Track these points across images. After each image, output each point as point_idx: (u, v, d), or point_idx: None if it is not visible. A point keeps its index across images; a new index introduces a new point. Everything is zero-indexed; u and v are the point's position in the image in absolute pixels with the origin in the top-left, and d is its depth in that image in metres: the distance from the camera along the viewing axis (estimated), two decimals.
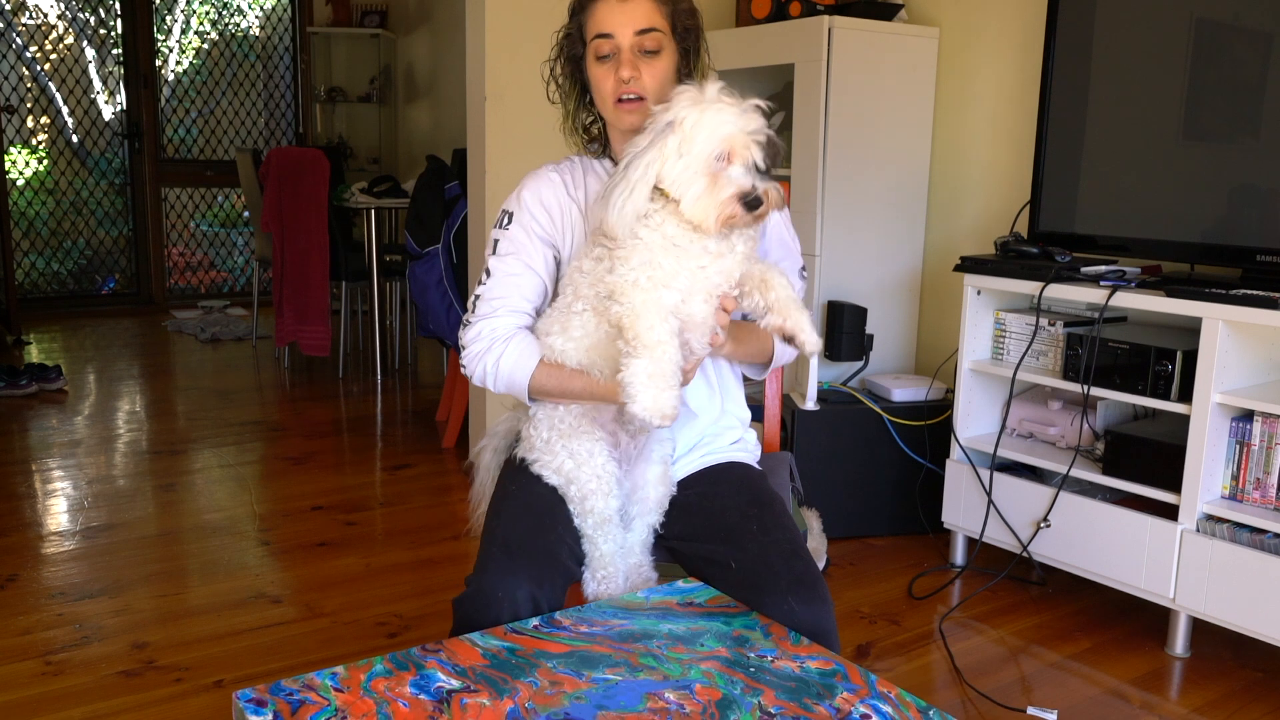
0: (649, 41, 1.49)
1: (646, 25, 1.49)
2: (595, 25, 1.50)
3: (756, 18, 3.37)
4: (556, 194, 1.58)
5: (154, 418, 4.28)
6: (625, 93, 1.50)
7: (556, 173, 1.61)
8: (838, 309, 3.12)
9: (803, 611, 1.38)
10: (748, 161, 1.34)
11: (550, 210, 1.58)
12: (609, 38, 1.49)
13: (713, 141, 1.32)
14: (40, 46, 6.39)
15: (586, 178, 1.61)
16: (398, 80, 6.90)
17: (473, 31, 3.38)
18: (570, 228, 1.58)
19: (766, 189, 1.33)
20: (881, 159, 3.22)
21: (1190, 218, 2.45)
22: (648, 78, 1.50)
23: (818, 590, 1.42)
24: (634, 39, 1.48)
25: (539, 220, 1.57)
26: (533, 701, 1.14)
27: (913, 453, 3.02)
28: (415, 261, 3.94)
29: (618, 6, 1.48)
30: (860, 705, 1.16)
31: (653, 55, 1.50)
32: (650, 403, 1.31)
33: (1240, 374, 2.31)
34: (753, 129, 1.33)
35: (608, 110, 1.54)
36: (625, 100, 1.50)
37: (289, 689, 1.15)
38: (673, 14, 1.51)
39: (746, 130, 1.33)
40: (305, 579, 2.71)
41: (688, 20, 1.53)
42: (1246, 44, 2.35)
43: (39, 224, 6.54)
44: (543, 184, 1.59)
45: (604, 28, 1.49)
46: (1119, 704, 2.19)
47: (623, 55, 1.49)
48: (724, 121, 1.32)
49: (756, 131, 1.33)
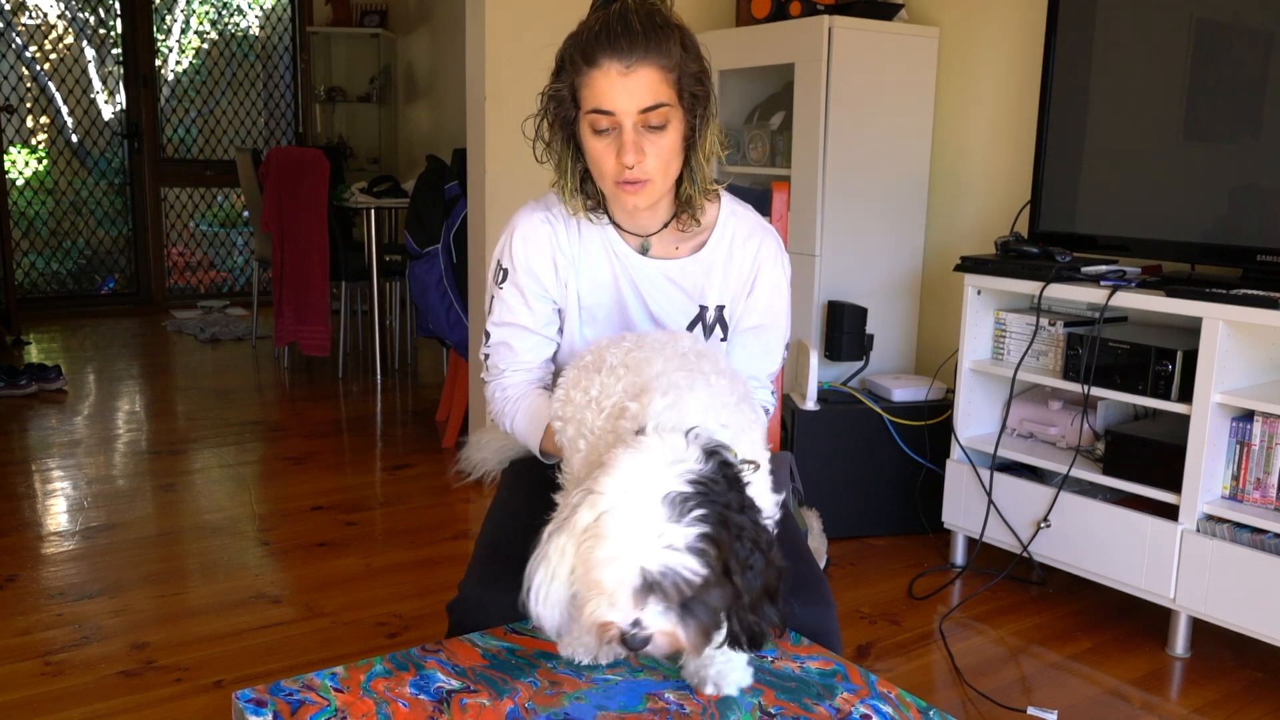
0: (654, 118, 1.32)
1: (652, 102, 1.31)
2: (593, 97, 1.32)
3: (756, 18, 3.37)
4: (547, 253, 1.47)
5: (154, 418, 4.28)
6: (629, 177, 1.34)
7: (547, 223, 1.47)
8: (838, 309, 3.12)
9: (806, 613, 1.36)
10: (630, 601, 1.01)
11: (542, 274, 1.47)
12: (609, 114, 1.32)
13: (591, 569, 1.02)
14: (40, 46, 6.39)
15: (581, 227, 1.49)
16: (398, 80, 6.90)
17: (473, 31, 3.38)
18: (567, 280, 1.49)
19: (662, 634, 1.02)
20: (881, 159, 3.22)
21: (1190, 218, 2.45)
22: (652, 157, 1.33)
23: (820, 592, 1.41)
24: (638, 116, 1.31)
25: (534, 280, 1.48)
26: (533, 701, 1.14)
27: (913, 453, 3.02)
28: (415, 261, 3.94)
29: (620, 80, 1.29)
30: (860, 705, 1.16)
31: (658, 130, 1.33)
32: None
33: (1240, 374, 2.31)
34: (639, 582, 1.00)
35: (607, 188, 1.39)
36: (627, 183, 1.35)
37: (289, 689, 1.15)
38: (679, 82, 1.33)
39: (634, 581, 1.00)
40: (305, 579, 2.71)
41: (695, 88, 1.35)
42: (1246, 44, 2.34)
43: (39, 224, 6.54)
44: (531, 244, 1.47)
45: (603, 103, 1.31)
46: (1119, 704, 2.19)
47: (625, 136, 1.31)
48: (609, 559, 1.01)
49: (640, 587, 1.00)
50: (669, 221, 1.48)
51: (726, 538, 1.03)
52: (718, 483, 1.04)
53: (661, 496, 1.01)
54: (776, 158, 3.40)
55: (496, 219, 3.34)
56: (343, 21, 6.75)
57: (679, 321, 1.50)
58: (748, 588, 1.04)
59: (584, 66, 1.32)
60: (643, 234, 1.48)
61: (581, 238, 1.48)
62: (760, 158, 3.45)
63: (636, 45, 1.29)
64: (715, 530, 1.02)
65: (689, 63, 1.34)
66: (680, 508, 1.01)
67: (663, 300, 1.49)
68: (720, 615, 1.04)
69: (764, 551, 1.06)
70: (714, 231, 1.48)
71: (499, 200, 3.36)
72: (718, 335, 1.51)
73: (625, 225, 1.48)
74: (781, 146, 3.37)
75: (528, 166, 1.57)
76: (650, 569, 1.00)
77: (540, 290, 1.49)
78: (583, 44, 1.33)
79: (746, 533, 1.05)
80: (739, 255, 1.49)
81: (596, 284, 1.49)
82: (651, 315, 1.49)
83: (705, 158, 1.40)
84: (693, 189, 1.42)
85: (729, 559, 1.02)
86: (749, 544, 1.04)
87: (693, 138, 1.38)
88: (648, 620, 1.02)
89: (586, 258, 1.48)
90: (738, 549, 1.03)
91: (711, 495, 1.03)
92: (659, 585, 1.00)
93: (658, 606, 1.02)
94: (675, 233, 1.49)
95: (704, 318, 1.49)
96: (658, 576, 1.00)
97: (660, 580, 1.00)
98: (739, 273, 1.49)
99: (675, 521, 1.01)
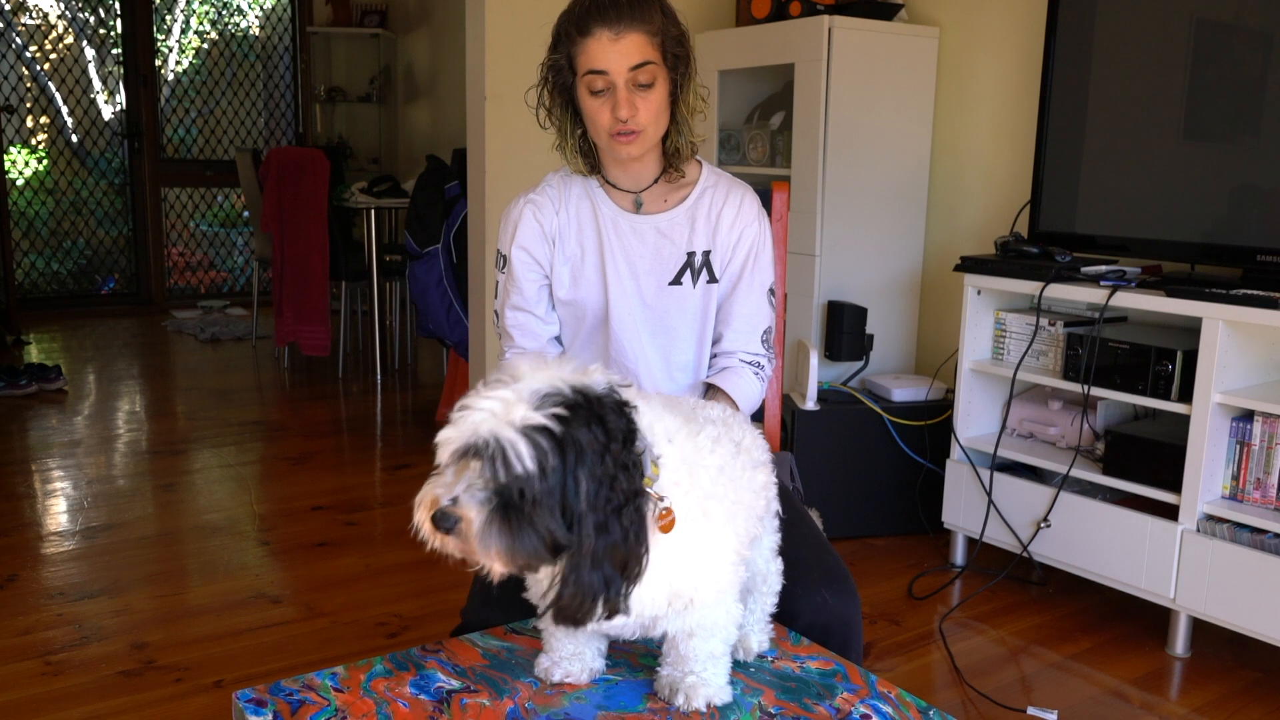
0: (643, 75, 1.48)
1: (640, 60, 1.48)
2: (588, 61, 1.49)
3: (756, 18, 3.37)
4: (534, 229, 1.62)
5: (154, 418, 4.28)
6: (622, 129, 1.51)
7: (530, 202, 1.62)
8: (838, 309, 3.12)
9: (835, 603, 1.44)
10: (468, 473, 0.98)
11: (533, 249, 1.62)
12: (603, 74, 1.48)
13: (447, 442, 1.02)
14: (40, 46, 6.39)
15: (569, 195, 1.63)
16: (398, 80, 6.90)
17: (473, 31, 3.38)
18: (560, 253, 1.62)
19: (470, 514, 0.97)
20: (881, 159, 3.22)
21: (1190, 218, 2.45)
22: (643, 111, 1.50)
23: (848, 584, 1.50)
24: (628, 74, 1.48)
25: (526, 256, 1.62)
26: (533, 701, 1.14)
27: (913, 453, 3.02)
28: (415, 261, 3.94)
29: (610, 44, 1.47)
30: (860, 705, 1.16)
31: (646, 88, 1.49)
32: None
33: (1240, 374, 2.31)
34: (464, 442, 0.98)
35: (603, 141, 1.55)
36: (622, 134, 1.51)
37: (289, 689, 1.15)
38: (663, 45, 1.50)
39: (462, 440, 0.99)
40: (305, 579, 2.71)
41: (677, 49, 1.52)
42: (1246, 44, 2.35)
43: (39, 224, 6.54)
44: (522, 225, 1.62)
45: (597, 64, 1.48)
46: (1119, 704, 2.19)
47: (619, 93, 1.48)
48: (454, 420, 1.01)
49: (461, 448, 0.99)
50: (658, 178, 1.62)
51: (574, 457, 0.95)
52: (605, 413, 0.99)
53: (535, 389, 0.98)
54: (776, 158, 3.40)
55: (496, 219, 3.34)
56: (343, 21, 6.75)
57: (663, 272, 1.60)
58: (587, 538, 0.96)
59: (578, 36, 1.49)
60: (635, 189, 1.62)
61: (567, 207, 1.62)
62: (760, 158, 3.45)
63: (624, 15, 1.47)
64: (565, 434, 0.94)
65: (669, 27, 1.51)
66: (543, 400, 0.97)
67: (648, 254, 1.61)
68: (543, 547, 0.96)
69: (625, 504, 0.98)
70: (697, 185, 1.64)
71: (499, 200, 3.36)
72: (704, 279, 1.61)
73: (620, 183, 1.62)
74: (781, 146, 3.37)
75: (528, 166, 1.63)
76: (481, 433, 0.96)
77: (532, 264, 1.62)
78: (576, 18, 1.49)
79: (608, 469, 0.96)
80: (724, 211, 1.62)
81: (584, 246, 1.62)
82: (633, 270, 1.60)
83: (689, 112, 1.58)
84: (679, 140, 1.58)
85: (571, 477, 0.95)
86: (607, 481, 0.96)
87: (676, 94, 1.55)
88: (463, 501, 0.97)
89: (574, 222, 1.62)
90: (590, 472, 0.95)
91: (588, 412, 0.97)
92: (480, 453, 0.95)
93: (478, 489, 0.96)
94: (664, 185, 1.63)
95: (692, 263, 1.61)
96: (481, 443, 0.96)
97: (481, 449, 0.95)
98: (725, 227, 1.62)
99: (529, 406, 0.96)
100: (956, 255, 3.00)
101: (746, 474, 1.19)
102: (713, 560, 1.10)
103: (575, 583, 0.98)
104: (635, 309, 1.60)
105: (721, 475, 1.14)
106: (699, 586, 1.09)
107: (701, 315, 1.62)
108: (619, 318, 1.60)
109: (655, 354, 1.62)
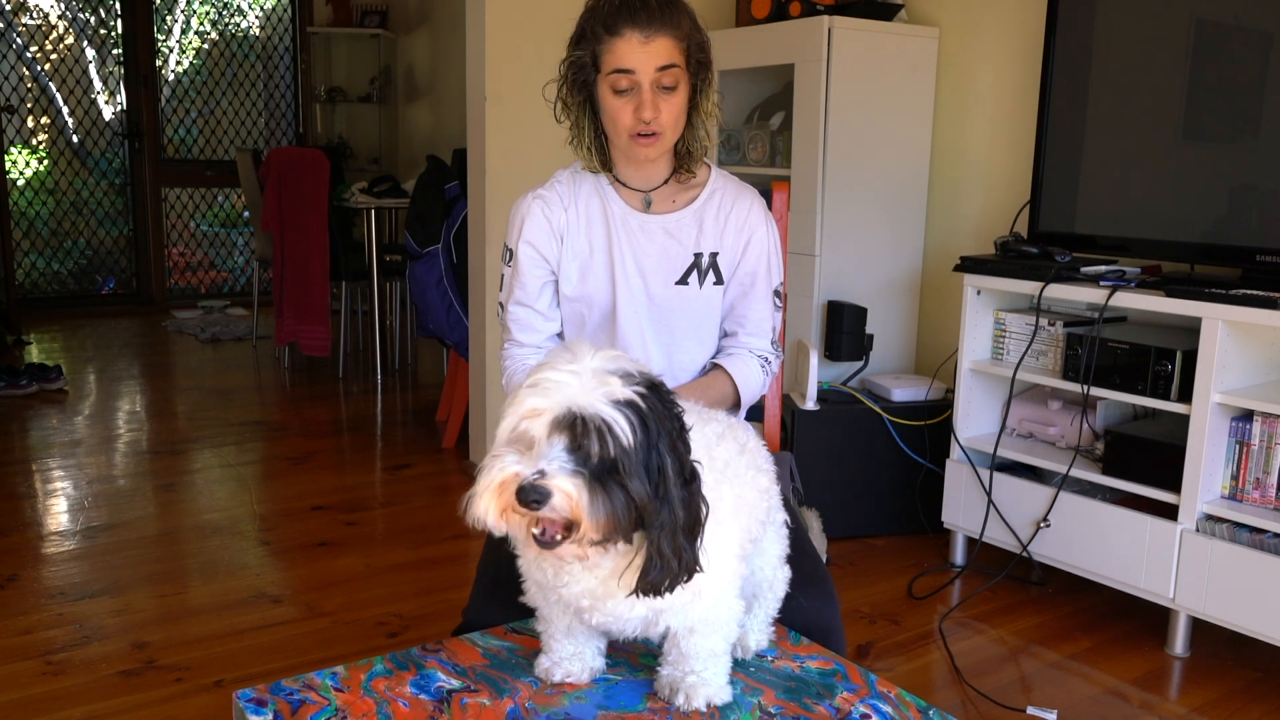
0: (667, 78, 1.50)
1: (667, 62, 1.49)
2: (615, 60, 1.50)
3: (756, 18, 3.37)
4: (542, 225, 1.62)
5: (154, 418, 4.28)
6: (643, 130, 1.52)
7: (539, 198, 1.62)
8: (838, 309, 3.12)
9: (810, 608, 1.41)
10: (550, 446, 0.97)
11: (540, 244, 1.62)
12: (629, 74, 1.49)
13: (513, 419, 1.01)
14: (40, 46, 6.39)
15: (579, 192, 1.63)
16: (398, 80, 6.90)
17: (473, 32, 3.38)
18: (568, 249, 1.62)
19: (563, 494, 0.96)
20: (881, 159, 3.22)
21: (1190, 218, 2.45)
22: (665, 114, 1.52)
23: (825, 587, 1.47)
24: (654, 75, 1.49)
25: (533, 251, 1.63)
26: (533, 701, 1.14)
27: (913, 453, 3.02)
28: (415, 261, 3.94)
29: (640, 46, 1.48)
30: (860, 705, 1.16)
31: (670, 91, 1.51)
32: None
33: (1240, 374, 2.31)
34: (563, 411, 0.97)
35: (622, 141, 1.55)
36: (643, 136, 1.53)
37: (289, 689, 1.15)
38: (688, 50, 1.52)
39: (559, 409, 0.98)
40: (305, 579, 2.71)
41: (700, 55, 1.54)
42: (1246, 44, 2.35)
43: (39, 224, 6.54)
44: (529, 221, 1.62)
45: (625, 64, 1.49)
46: (1119, 704, 2.19)
47: (644, 94, 1.50)
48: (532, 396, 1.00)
49: (562, 418, 0.97)
50: (669, 178, 1.63)
51: (658, 430, 0.99)
52: (667, 403, 1.03)
53: (615, 367, 1.01)
54: (776, 158, 3.40)
55: (496, 219, 3.34)
56: (343, 22, 6.75)
57: (670, 271, 1.61)
58: (673, 507, 1.00)
59: (606, 35, 1.50)
60: (646, 189, 1.63)
61: (576, 204, 1.63)
62: (760, 158, 3.45)
63: (654, 19, 1.49)
64: (650, 409, 0.98)
65: (695, 33, 1.54)
66: (625, 378, 1.00)
67: (655, 253, 1.62)
68: (634, 513, 0.98)
69: (693, 476, 1.03)
70: (706, 187, 1.65)
71: (499, 200, 3.36)
72: (711, 280, 1.62)
73: (631, 182, 1.63)
74: (781, 146, 3.37)
75: (527, 166, 1.63)
76: (580, 405, 0.97)
77: (538, 259, 1.62)
78: (604, 16, 1.51)
79: (679, 452, 1.01)
80: (733, 214, 1.64)
81: (593, 244, 1.63)
82: (641, 269, 1.61)
83: (705, 116, 1.60)
84: (694, 143, 1.61)
85: (656, 452, 0.98)
86: (680, 461, 1.01)
87: (695, 99, 1.57)
88: (552, 473, 0.96)
89: (583, 219, 1.63)
90: (669, 445, 1.00)
91: (657, 390, 1.02)
92: (581, 422, 0.96)
93: (568, 460, 0.97)
94: (674, 186, 1.64)
95: (699, 264, 1.62)
96: (584, 415, 0.96)
97: (587, 420, 0.96)
98: (734, 231, 1.63)
99: (619, 380, 0.99)
100: (956, 255, 3.00)
101: (750, 474, 1.21)
102: (718, 551, 1.11)
103: (660, 553, 1.01)
104: (641, 307, 1.61)
105: (727, 469, 1.17)
106: (705, 575, 1.10)
107: (706, 316, 1.63)
108: (625, 315, 1.60)
109: (659, 353, 1.62)
